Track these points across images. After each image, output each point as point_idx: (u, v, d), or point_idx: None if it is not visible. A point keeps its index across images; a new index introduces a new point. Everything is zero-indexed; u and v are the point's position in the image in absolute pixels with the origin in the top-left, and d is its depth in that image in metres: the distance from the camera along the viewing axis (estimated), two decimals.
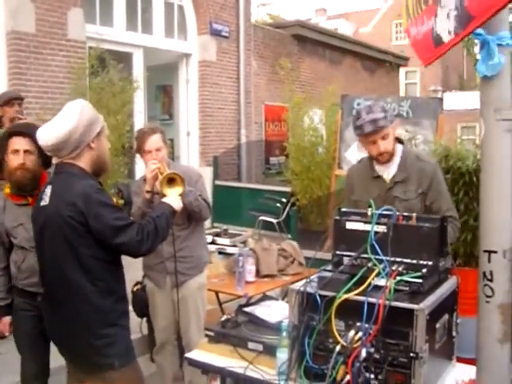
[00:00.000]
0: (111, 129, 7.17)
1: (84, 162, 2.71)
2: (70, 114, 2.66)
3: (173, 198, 3.09)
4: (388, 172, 3.47)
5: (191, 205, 3.76)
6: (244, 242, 6.67)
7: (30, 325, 3.36)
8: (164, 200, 3.04)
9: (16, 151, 3.28)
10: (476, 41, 2.00)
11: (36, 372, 3.46)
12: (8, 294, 3.44)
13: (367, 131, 3.31)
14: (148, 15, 9.85)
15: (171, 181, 3.32)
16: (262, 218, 8.93)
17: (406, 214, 2.47)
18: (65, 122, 2.63)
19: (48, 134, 2.64)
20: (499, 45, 1.92)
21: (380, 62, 16.68)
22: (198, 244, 4.04)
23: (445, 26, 2.05)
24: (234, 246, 6.73)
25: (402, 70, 23.89)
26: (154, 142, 3.82)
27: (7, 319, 3.44)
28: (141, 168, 7.23)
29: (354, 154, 7.58)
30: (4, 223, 3.38)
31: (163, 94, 11.35)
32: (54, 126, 2.64)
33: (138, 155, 4.02)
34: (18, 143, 3.30)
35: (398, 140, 3.53)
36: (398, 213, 2.46)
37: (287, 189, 9.64)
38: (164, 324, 4.07)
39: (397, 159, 3.47)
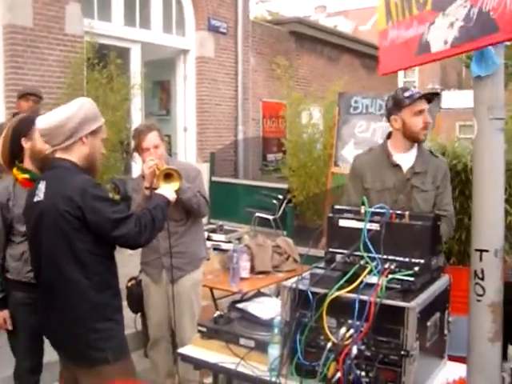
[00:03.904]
0: (109, 125, 7.17)
1: (75, 157, 2.72)
2: (71, 105, 2.73)
3: (166, 189, 3.10)
4: (406, 161, 3.53)
5: (190, 201, 3.79)
6: (239, 239, 6.67)
7: (32, 319, 3.21)
8: (158, 191, 3.06)
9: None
10: None
11: (31, 367, 3.43)
12: (2, 287, 3.35)
13: (421, 94, 3.45)
14: (146, 10, 9.83)
15: (168, 176, 3.34)
16: (258, 214, 8.92)
17: (398, 212, 2.47)
18: (64, 110, 2.70)
19: (46, 119, 2.70)
20: None
21: (379, 60, 16.63)
22: (194, 240, 4.05)
23: (441, 34, 2.02)
24: (229, 242, 6.73)
25: None
26: (152, 139, 3.83)
27: (6, 313, 3.35)
28: (138, 164, 7.22)
29: (351, 151, 7.58)
30: (13, 211, 3.25)
31: (161, 90, 11.33)
32: (54, 113, 2.71)
33: (136, 154, 4.03)
34: None
35: None
36: (391, 211, 2.46)
37: (284, 185, 9.63)
38: (157, 319, 4.08)
39: (414, 150, 3.56)
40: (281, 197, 9.17)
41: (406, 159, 3.53)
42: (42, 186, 2.72)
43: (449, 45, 1.99)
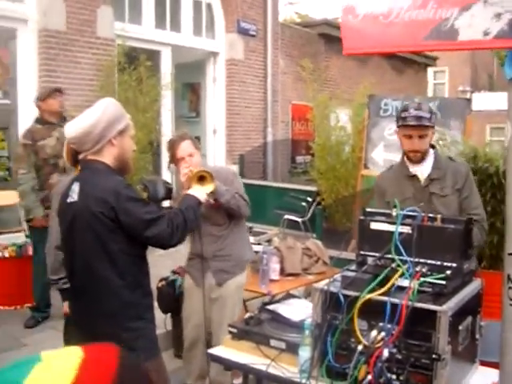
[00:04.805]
0: (139, 126, 7.24)
1: (107, 159, 2.74)
2: (95, 109, 2.73)
3: (197, 190, 3.12)
4: (422, 171, 3.56)
5: (228, 203, 3.83)
6: (269, 241, 6.68)
7: None
8: (189, 192, 3.08)
9: None
10: None
11: None
12: None
13: (410, 123, 3.39)
14: (176, 13, 9.90)
15: (202, 179, 3.35)
16: (287, 216, 8.90)
17: (431, 215, 2.47)
18: (89, 116, 2.70)
19: (73, 127, 2.71)
20: None
21: (408, 62, 16.52)
22: (237, 242, 4.08)
23: (481, 24, 1.94)
24: (259, 244, 6.73)
25: (431, 70, 23.64)
26: (185, 147, 3.86)
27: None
28: (170, 170, 7.26)
29: (381, 154, 7.55)
30: None
31: (190, 92, 11.39)
32: (79, 120, 2.71)
33: (172, 166, 4.04)
34: None
35: (431, 145, 3.62)
36: (423, 213, 2.45)
37: (313, 188, 9.59)
38: (197, 321, 4.07)
39: (430, 160, 3.57)
40: (310, 199, 9.14)
41: (422, 169, 3.57)
42: (75, 187, 2.74)
43: (491, 36, 1.92)
